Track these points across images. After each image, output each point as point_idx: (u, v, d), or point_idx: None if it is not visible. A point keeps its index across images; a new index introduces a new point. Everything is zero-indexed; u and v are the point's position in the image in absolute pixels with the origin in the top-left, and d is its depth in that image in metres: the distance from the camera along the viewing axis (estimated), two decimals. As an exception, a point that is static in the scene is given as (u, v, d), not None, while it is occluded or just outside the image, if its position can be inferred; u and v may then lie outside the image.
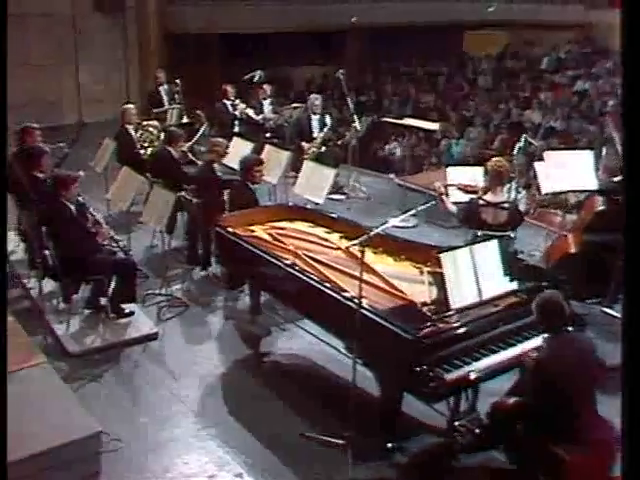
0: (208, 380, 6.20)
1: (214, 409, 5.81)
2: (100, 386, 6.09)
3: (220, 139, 8.67)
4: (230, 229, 6.54)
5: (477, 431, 5.15)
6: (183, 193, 7.85)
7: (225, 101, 11.78)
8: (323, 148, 10.70)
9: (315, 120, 10.85)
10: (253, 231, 6.63)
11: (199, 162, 8.94)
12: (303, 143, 10.69)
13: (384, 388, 5.02)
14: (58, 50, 15.17)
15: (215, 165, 8.21)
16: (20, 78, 13.69)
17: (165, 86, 12.11)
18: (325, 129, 10.75)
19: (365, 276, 5.00)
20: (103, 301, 7.01)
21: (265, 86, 12.05)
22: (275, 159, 8.89)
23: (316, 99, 10.98)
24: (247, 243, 6.28)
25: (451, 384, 4.63)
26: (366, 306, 4.93)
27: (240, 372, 6.39)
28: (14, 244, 8.48)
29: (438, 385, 4.55)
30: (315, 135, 10.75)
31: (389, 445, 5.11)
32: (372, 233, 5.11)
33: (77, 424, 5.16)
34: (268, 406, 5.83)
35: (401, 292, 5.34)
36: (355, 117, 10.81)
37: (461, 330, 4.83)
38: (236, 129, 11.53)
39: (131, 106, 10.32)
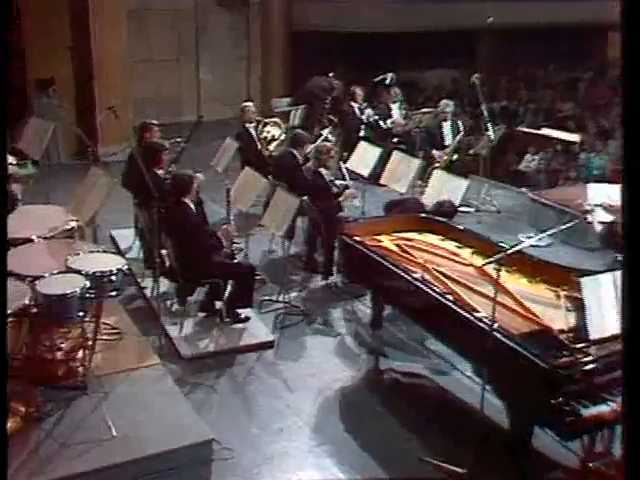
0: (325, 394, 6.24)
1: (331, 425, 5.84)
2: (212, 392, 6.21)
3: (326, 143, 8.76)
4: (357, 238, 6.61)
5: (611, 474, 5.02)
6: (305, 198, 7.92)
7: (353, 104, 11.81)
8: (455, 156, 10.62)
9: (446, 127, 10.81)
10: (380, 241, 6.66)
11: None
12: (434, 151, 10.65)
13: (514, 419, 4.97)
14: (179, 46, 15.56)
15: (323, 171, 8.30)
16: (141, 74, 14.26)
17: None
18: (458, 136, 10.68)
19: (498, 296, 4.94)
20: (218, 305, 7.15)
21: (394, 89, 12.07)
22: (404, 167, 8.88)
23: (447, 105, 10.94)
24: (374, 253, 6.32)
25: (588, 421, 4.53)
26: (499, 329, 4.88)
27: (358, 388, 6.40)
28: (130, 242, 8.75)
29: (574, 421, 4.47)
30: (447, 143, 10.71)
31: (515, 480, 5.04)
32: (509, 251, 5.06)
33: (189, 430, 5.32)
34: (386, 426, 5.84)
35: (536, 316, 5.24)
36: (489, 126, 10.71)
37: (601, 363, 4.69)
38: (362, 133, 11.55)
39: (250, 104, 10.50)
